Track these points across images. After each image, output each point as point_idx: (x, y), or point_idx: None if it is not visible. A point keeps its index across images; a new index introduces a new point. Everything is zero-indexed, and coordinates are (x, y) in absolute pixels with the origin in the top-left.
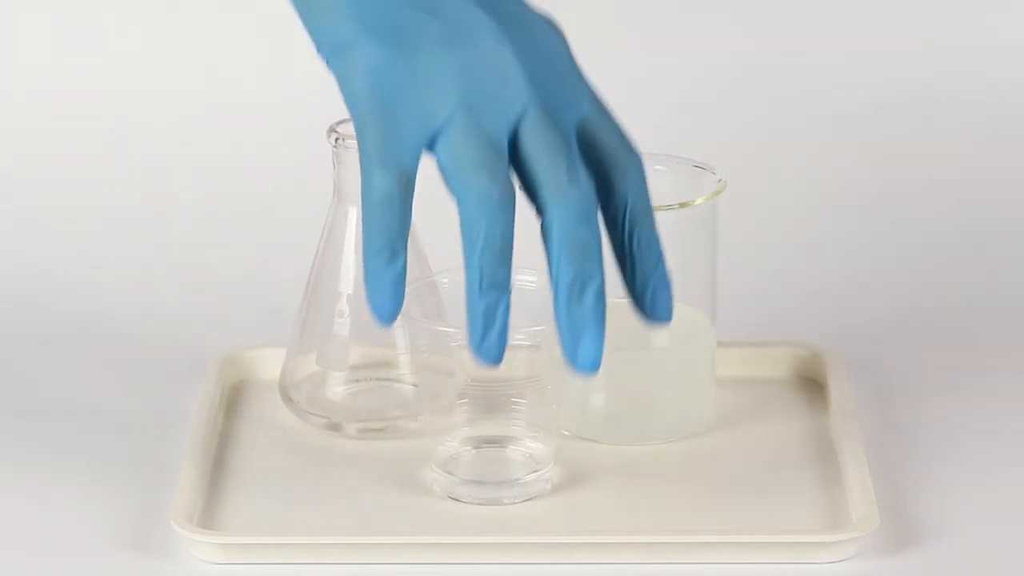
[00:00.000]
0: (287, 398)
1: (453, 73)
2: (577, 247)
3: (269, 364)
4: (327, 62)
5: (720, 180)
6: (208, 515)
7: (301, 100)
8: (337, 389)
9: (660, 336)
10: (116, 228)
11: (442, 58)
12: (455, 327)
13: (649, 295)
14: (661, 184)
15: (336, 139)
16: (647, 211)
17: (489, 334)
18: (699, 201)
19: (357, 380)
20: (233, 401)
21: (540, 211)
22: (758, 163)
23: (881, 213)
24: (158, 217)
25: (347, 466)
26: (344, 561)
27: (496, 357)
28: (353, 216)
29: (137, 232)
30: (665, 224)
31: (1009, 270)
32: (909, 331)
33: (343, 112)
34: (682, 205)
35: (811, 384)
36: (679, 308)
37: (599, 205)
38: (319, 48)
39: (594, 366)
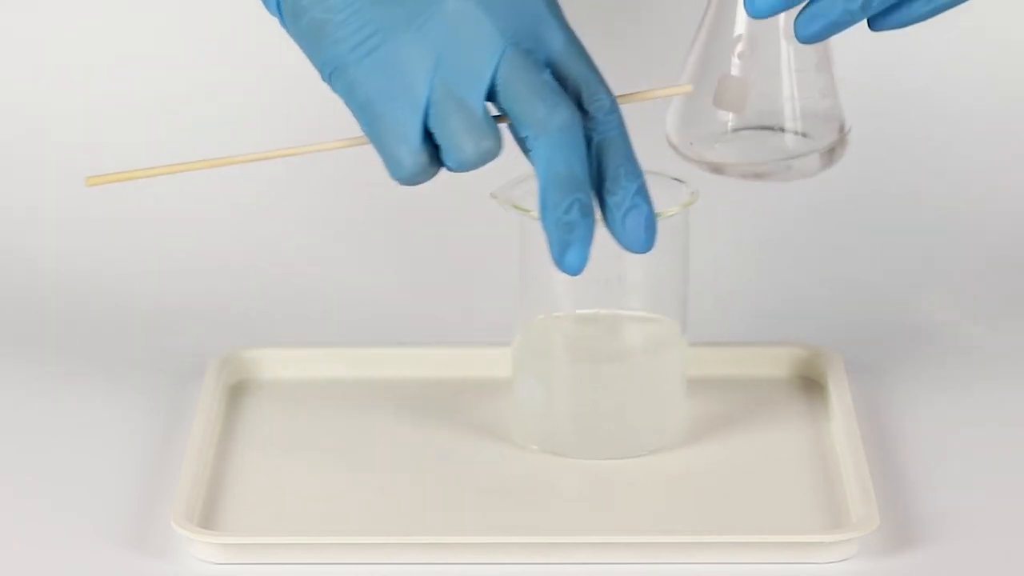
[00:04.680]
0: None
1: (422, 50)
2: (562, 178)
3: (269, 364)
4: (332, 88)
5: (692, 192)
6: (208, 515)
7: (299, 99)
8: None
9: (631, 347)
10: (116, 228)
11: (409, 42)
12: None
13: (620, 218)
14: None
15: None
16: (617, 138)
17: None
18: (671, 212)
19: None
20: (233, 401)
21: (526, 149)
22: None
23: (881, 213)
24: (157, 217)
25: (347, 466)
26: (344, 561)
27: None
28: None
29: (137, 232)
30: None
31: (1009, 270)
32: (909, 331)
33: (332, 110)
34: (656, 216)
35: (811, 384)
36: (649, 320)
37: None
38: (323, 78)
39: (578, 271)
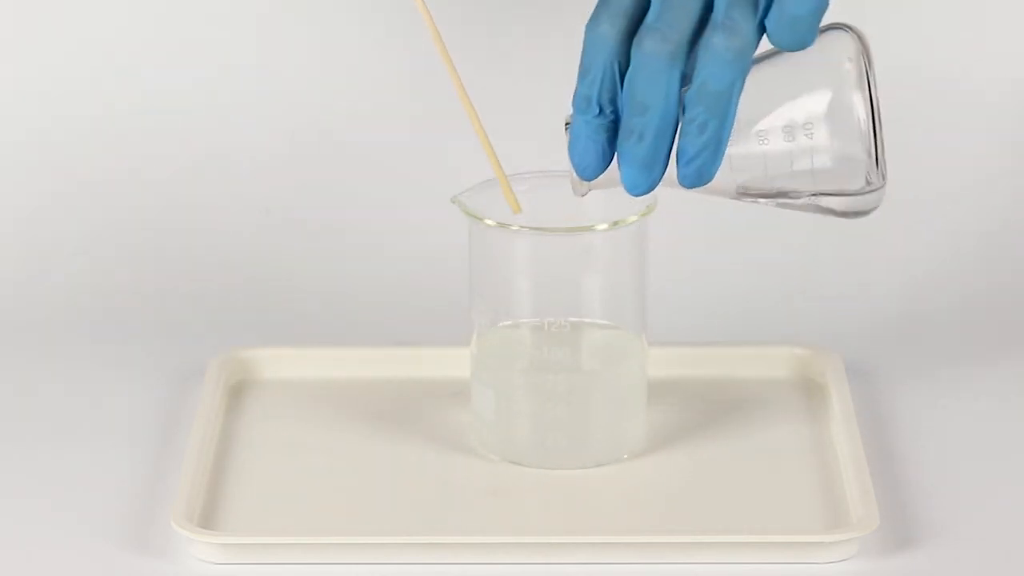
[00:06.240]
0: None
1: None
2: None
3: (269, 364)
4: None
5: (650, 203)
6: (208, 515)
7: (301, 101)
8: None
9: (591, 359)
10: (116, 227)
11: None
12: None
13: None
14: (593, 206)
15: None
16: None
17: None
18: (630, 220)
19: None
20: (233, 401)
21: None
22: None
23: (880, 212)
24: (158, 217)
25: (347, 466)
26: (344, 561)
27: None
28: None
29: (137, 231)
30: (595, 245)
31: (1009, 270)
32: (908, 331)
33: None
34: (613, 225)
35: (811, 384)
36: (607, 329)
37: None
38: None
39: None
